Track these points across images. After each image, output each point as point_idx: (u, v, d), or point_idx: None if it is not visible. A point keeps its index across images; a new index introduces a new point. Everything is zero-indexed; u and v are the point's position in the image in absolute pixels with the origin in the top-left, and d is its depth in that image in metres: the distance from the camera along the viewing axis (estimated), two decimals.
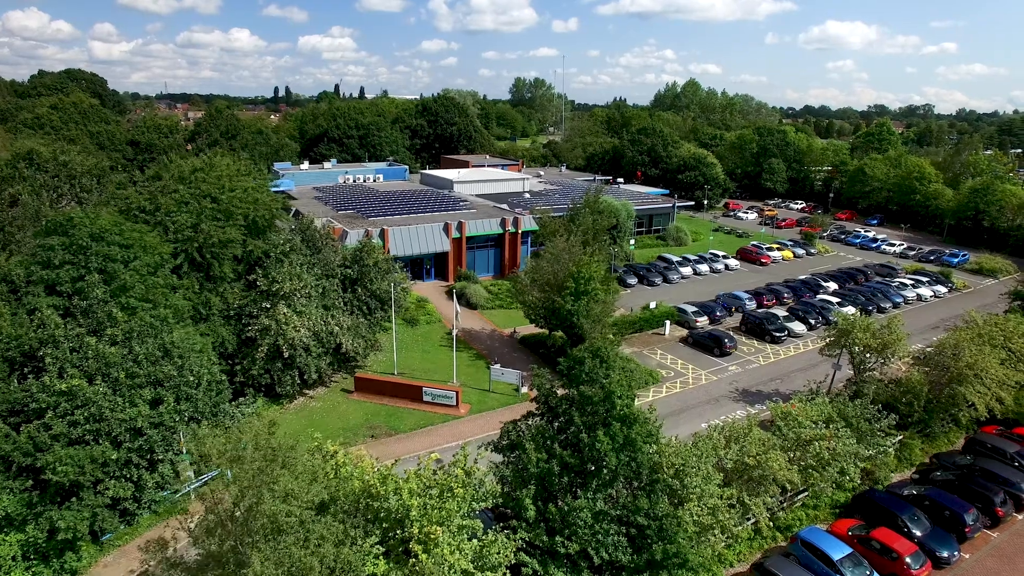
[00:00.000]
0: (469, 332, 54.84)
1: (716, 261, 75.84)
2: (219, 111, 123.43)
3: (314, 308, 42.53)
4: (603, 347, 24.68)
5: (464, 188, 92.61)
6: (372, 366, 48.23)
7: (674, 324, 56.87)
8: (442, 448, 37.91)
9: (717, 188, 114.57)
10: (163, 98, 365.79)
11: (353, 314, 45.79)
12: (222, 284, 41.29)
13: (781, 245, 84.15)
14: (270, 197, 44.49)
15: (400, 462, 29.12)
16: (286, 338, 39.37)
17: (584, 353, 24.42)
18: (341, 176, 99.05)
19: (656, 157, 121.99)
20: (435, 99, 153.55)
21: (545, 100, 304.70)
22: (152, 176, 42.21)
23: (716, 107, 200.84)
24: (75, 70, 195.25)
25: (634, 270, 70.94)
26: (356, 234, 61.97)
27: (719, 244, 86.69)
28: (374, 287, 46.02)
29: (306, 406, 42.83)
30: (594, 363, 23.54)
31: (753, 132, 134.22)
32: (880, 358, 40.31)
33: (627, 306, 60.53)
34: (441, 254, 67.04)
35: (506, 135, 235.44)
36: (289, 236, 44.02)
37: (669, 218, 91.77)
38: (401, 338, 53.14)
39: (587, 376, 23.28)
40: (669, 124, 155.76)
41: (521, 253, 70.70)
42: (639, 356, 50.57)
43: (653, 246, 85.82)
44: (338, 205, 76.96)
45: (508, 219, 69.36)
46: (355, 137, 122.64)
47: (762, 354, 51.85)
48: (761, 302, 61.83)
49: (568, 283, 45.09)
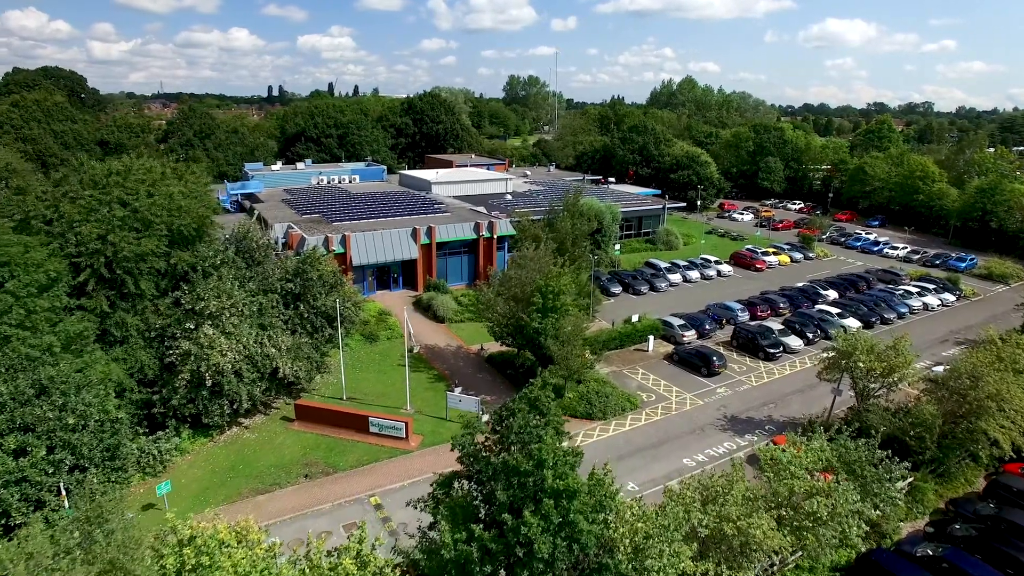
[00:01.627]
0: (432, 349, 49.96)
1: (708, 267, 70.96)
2: (193, 110, 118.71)
3: (248, 328, 37.66)
4: (541, 396, 19.85)
5: (442, 189, 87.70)
6: (320, 390, 43.38)
7: (659, 339, 52.03)
8: (384, 490, 33.16)
9: (711, 188, 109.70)
10: (158, 97, 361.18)
11: (295, 333, 40.91)
12: (141, 302, 36.41)
13: (777, 249, 79.27)
14: (201, 204, 39.54)
15: (310, 516, 24.23)
16: (209, 364, 34.50)
17: (518, 404, 19.60)
18: (314, 177, 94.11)
19: (648, 156, 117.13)
20: (420, 97, 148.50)
21: (539, 98, 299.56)
22: (59, 180, 37.37)
23: (712, 104, 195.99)
24: (52, 67, 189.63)
25: (619, 277, 66.06)
26: (315, 241, 57.12)
27: (712, 248, 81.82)
28: (318, 303, 41.11)
29: (239, 438, 37.93)
30: (526, 419, 18.72)
31: (749, 130, 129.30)
32: (885, 383, 35.49)
33: (609, 318, 55.66)
34: (409, 261, 62.14)
35: (499, 134, 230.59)
36: (220, 247, 39.11)
37: (659, 220, 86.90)
38: (357, 356, 48.34)
39: (517, 435, 18.45)
40: (663, 122, 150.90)
41: (497, 260, 65.77)
42: (618, 376, 45.70)
43: (642, 250, 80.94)
44: (304, 208, 72.05)
45: (483, 223, 64.47)
46: (333, 136, 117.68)
47: (754, 373, 46.97)
48: (755, 313, 56.94)
49: (535, 298, 40.22)
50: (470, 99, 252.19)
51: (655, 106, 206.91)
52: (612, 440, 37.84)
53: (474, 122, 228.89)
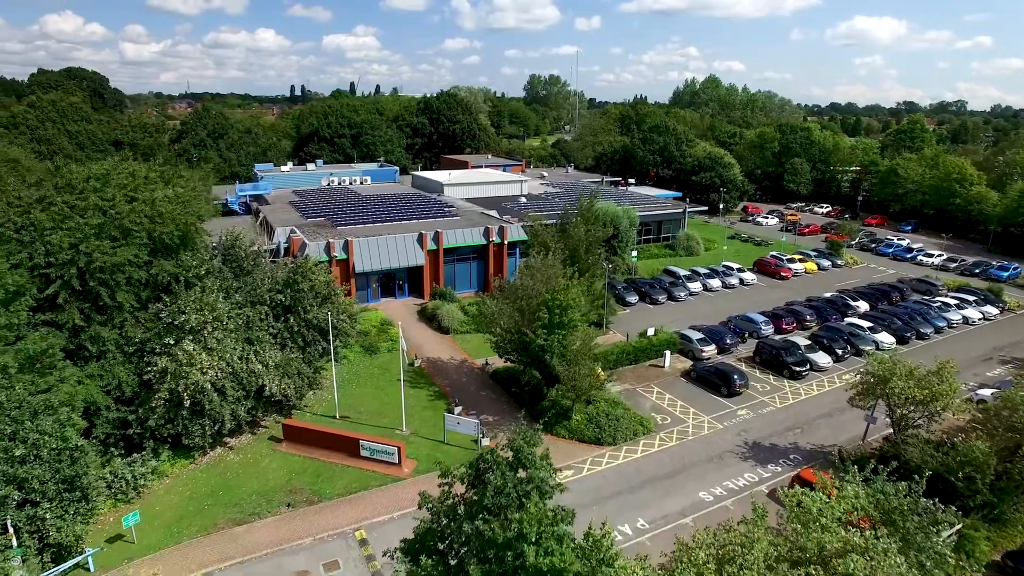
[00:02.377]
0: (435, 363, 47.25)
1: (730, 275, 67.35)
2: (207, 110, 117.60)
3: (233, 343, 35.26)
4: (523, 448, 16.84)
5: (454, 191, 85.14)
6: (313, 407, 40.88)
7: (676, 354, 48.80)
8: (371, 523, 30.50)
9: (735, 191, 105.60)
10: (185, 97, 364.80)
11: (286, 348, 38.47)
12: (120, 314, 34.17)
13: (804, 256, 75.29)
14: (188, 210, 37.21)
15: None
16: (188, 383, 32.13)
17: (496, 457, 16.67)
18: (325, 178, 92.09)
19: (669, 157, 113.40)
20: (437, 97, 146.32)
21: (560, 98, 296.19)
22: (32, 184, 35.28)
23: (737, 104, 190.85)
24: (75, 68, 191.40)
25: (635, 286, 62.77)
26: (317, 247, 54.82)
27: (734, 254, 78.08)
28: (309, 315, 38.60)
29: (222, 460, 35.56)
30: (505, 478, 15.81)
31: (775, 130, 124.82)
32: (927, 412, 31.99)
33: (624, 330, 52.52)
34: (415, 268, 59.54)
35: (518, 134, 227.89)
36: (206, 256, 36.76)
37: (680, 224, 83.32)
38: (355, 370, 45.83)
39: (493, 499, 15.57)
40: (686, 122, 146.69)
41: (508, 266, 62.92)
42: (631, 395, 42.58)
43: (661, 256, 77.48)
44: (311, 211, 69.88)
45: (493, 228, 61.64)
46: (347, 136, 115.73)
47: (779, 394, 43.51)
48: (779, 326, 53.36)
49: (541, 312, 37.27)
50: (490, 98, 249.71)
51: (678, 106, 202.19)
52: (622, 469, 34.79)
53: (494, 122, 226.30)
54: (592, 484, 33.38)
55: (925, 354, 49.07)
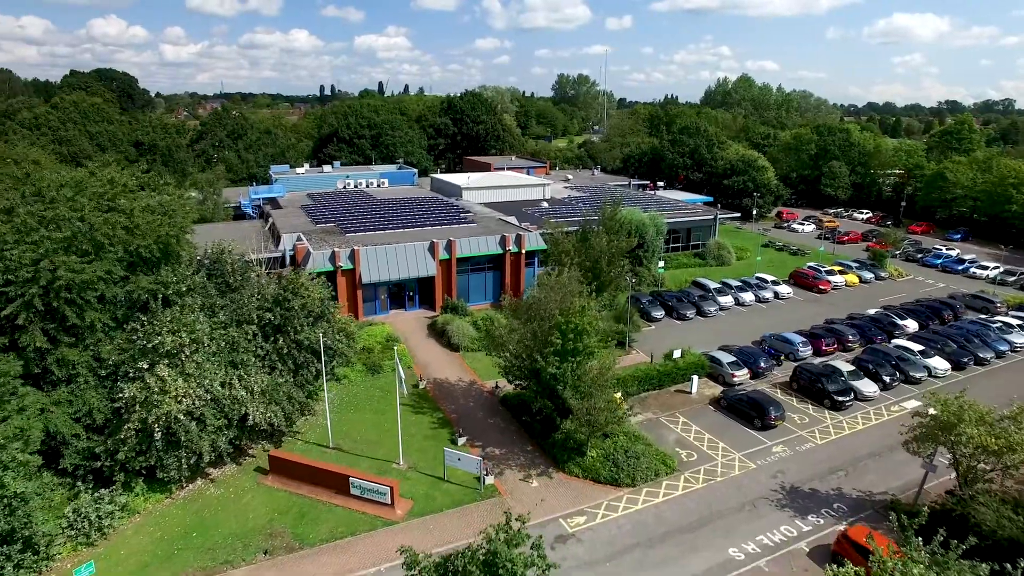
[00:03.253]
0: (441, 385, 43.79)
1: (764, 288, 62.68)
2: (226, 110, 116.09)
3: (214, 367, 32.25)
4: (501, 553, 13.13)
5: (473, 196, 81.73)
6: (305, 433, 37.72)
7: (705, 378, 44.65)
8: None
9: (769, 195, 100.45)
10: (218, 97, 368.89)
11: (275, 371, 35.36)
12: (92, 335, 31.35)
13: (844, 267, 70.16)
14: (170, 220, 34.27)
15: None
16: (160, 413, 29.15)
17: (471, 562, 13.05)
18: (340, 181, 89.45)
19: (700, 159, 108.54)
20: (461, 96, 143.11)
21: (589, 98, 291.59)
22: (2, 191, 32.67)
23: (771, 104, 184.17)
24: (105, 69, 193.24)
25: (662, 299, 58.54)
26: (321, 256, 51.81)
27: (768, 264, 73.26)
28: (301, 336, 35.40)
29: (201, 494, 32.53)
30: None
31: (811, 131, 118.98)
32: (1001, 464, 27.52)
33: (648, 349, 48.51)
34: (427, 279, 56.19)
35: (545, 134, 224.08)
36: (188, 271, 33.75)
37: (710, 231, 78.72)
38: (354, 392, 42.57)
39: None
40: (717, 123, 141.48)
41: (525, 277, 59.24)
42: (653, 426, 38.59)
43: (690, 266, 73.04)
44: (321, 216, 67.06)
45: (509, 237, 57.99)
46: (367, 137, 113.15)
47: (819, 427, 39.08)
48: (819, 347, 48.79)
49: (553, 337, 33.52)
50: (517, 98, 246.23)
51: (709, 106, 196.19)
52: (641, 516, 30.87)
53: (520, 122, 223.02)
54: (606, 534, 29.54)
55: (986, 383, 44.32)
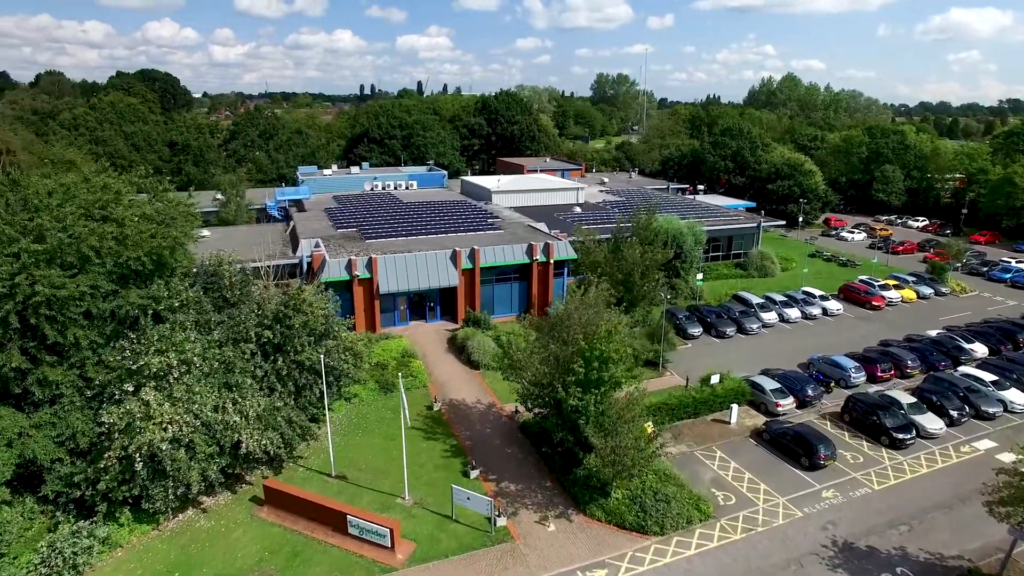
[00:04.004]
0: (457, 407, 40.78)
1: (811, 303, 58.00)
2: (258, 110, 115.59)
3: (207, 389, 29.86)
4: None
5: (503, 199, 78.67)
6: (308, 458, 35.12)
7: (746, 405, 40.71)
8: None
9: (816, 201, 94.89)
10: (262, 96, 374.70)
11: (274, 393, 32.84)
12: (77, 353, 29.22)
13: (899, 281, 64.88)
14: (164, 230, 31.97)
15: None
16: (141, 442, 26.81)
17: None
18: (368, 182, 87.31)
19: (743, 162, 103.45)
20: (496, 96, 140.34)
21: (629, 97, 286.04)
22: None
23: (818, 104, 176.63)
24: (149, 70, 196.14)
25: (699, 314, 54.48)
26: (337, 264, 49.38)
27: (816, 276, 68.34)
28: (302, 356, 32.80)
29: (191, 525, 30.15)
30: None
31: (863, 132, 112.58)
32: None
33: (683, 371, 44.76)
34: (449, 289, 53.30)
35: (582, 135, 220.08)
36: (181, 285, 31.39)
37: (753, 240, 74.09)
38: (364, 412, 39.87)
39: None
40: (761, 124, 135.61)
41: (553, 288, 55.91)
42: (687, 462, 34.89)
43: (730, 277, 68.67)
44: (343, 220, 64.82)
45: (537, 245, 54.70)
46: (398, 138, 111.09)
47: (876, 469, 34.80)
48: (873, 374, 44.26)
49: (575, 364, 30.16)
50: (555, 98, 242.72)
51: (753, 106, 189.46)
52: (670, 572, 27.29)
53: (558, 122, 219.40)
54: None
55: None
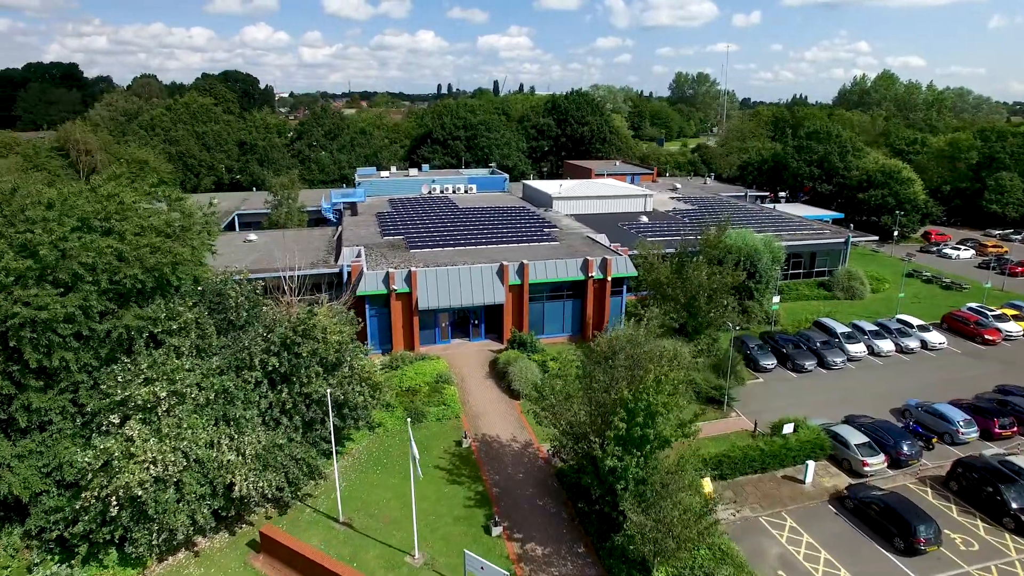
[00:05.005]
0: (490, 444, 36.59)
1: (907, 334, 50.46)
2: (324, 110, 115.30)
3: (203, 422, 26.95)
4: None
5: (564, 206, 74.05)
6: (317, 498, 31.74)
7: (825, 460, 34.64)
8: None
9: (914, 213, 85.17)
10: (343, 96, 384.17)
11: (279, 427, 29.62)
12: (67, 377, 26.85)
13: (1019, 310, 56.00)
14: (165, 243, 29.27)
15: None
16: (118, 485, 24.03)
17: None
18: (425, 185, 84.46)
19: (831, 169, 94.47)
20: (566, 96, 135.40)
21: (708, 97, 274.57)
22: None
23: (918, 104, 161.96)
24: (232, 71, 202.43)
25: (774, 343, 48.19)
26: (375, 276, 46.21)
27: (913, 301, 60.20)
28: (310, 388, 29.44)
29: (180, 571, 27.17)
30: None
31: (973, 136, 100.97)
32: None
33: (752, 412, 39.01)
34: (495, 305, 49.19)
35: (658, 136, 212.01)
36: (181, 306, 28.57)
37: (840, 257, 66.37)
38: (385, 446, 36.25)
39: None
40: (852, 126, 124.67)
41: (610, 308, 50.87)
42: (749, 531, 29.39)
43: (812, 298, 61.44)
44: (392, 227, 61.92)
45: (593, 260, 49.79)
46: (461, 139, 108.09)
47: (998, 562, 28.14)
48: (989, 429, 37.05)
49: (615, 417, 25.34)
50: (631, 98, 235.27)
51: (843, 106, 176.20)
52: None
53: (633, 123, 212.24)
54: None
55: None
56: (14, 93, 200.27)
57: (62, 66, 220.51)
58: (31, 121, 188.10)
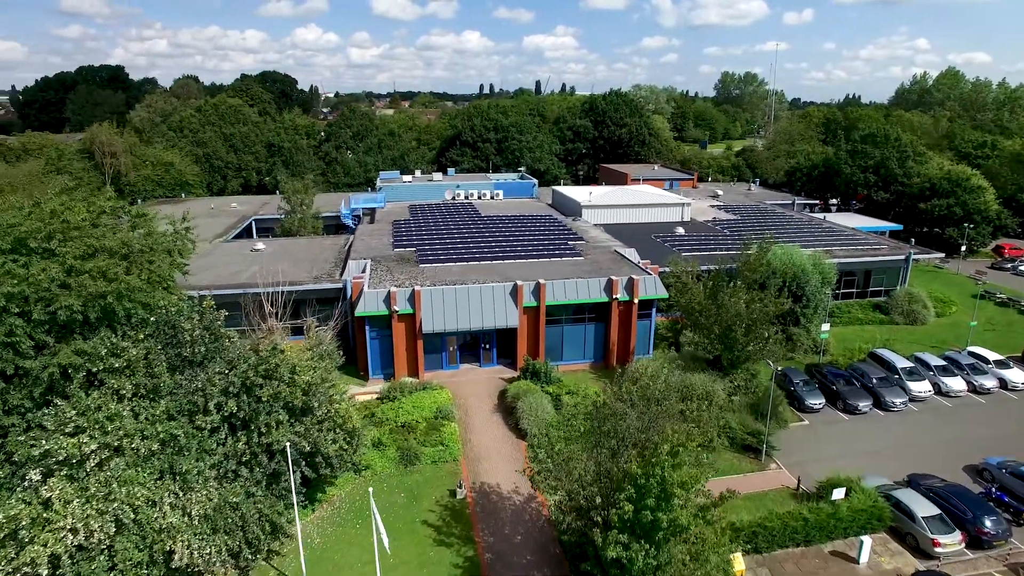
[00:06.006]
0: (488, 495, 32.10)
1: (983, 371, 43.98)
2: (352, 111, 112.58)
3: (144, 476, 23.23)
4: None
5: (594, 215, 69.23)
6: (286, 556, 27.80)
7: (884, 533, 29.10)
8: None
9: (984, 225, 77.28)
10: (387, 96, 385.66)
11: (239, 480, 25.73)
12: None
13: None
14: (115, 265, 25.70)
15: None
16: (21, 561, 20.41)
17: None
18: (449, 191, 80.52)
19: (888, 175, 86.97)
20: (604, 96, 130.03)
21: (756, 98, 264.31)
22: None
23: (987, 103, 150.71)
24: (269, 71, 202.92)
25: (822, 377, 42.42)
26: (376, 295, 42.24)
27: (986, 328, 53.27)
28: (271, 438, 25.45)
29: None
30: None
31: None
32: None
33: (795, 464, 33.65)
34: (507, 329, 44.68)
35: (702, 138, 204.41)
36: (127, 341, 24.88)
37: (899, 275, 59.67)
38: (375, 492, 31.98)
39: None
40: (912, 128, 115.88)
41: (636, 332, 45.84)
42: None
43: (865, 322, 55.04)
44: (405, 237, 58.07)
45: (618, 281, 44.82)
46: (491, 141, 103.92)
47: None
48: None
49: (622, 495, 20.59)
50: (673, 98, 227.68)
51: (901, 106, 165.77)
52: None
53: (676, 124, 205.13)
54: None
55: None
56: (65, 96, 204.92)
57: (109, 68, 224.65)
58: (79, 123, 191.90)
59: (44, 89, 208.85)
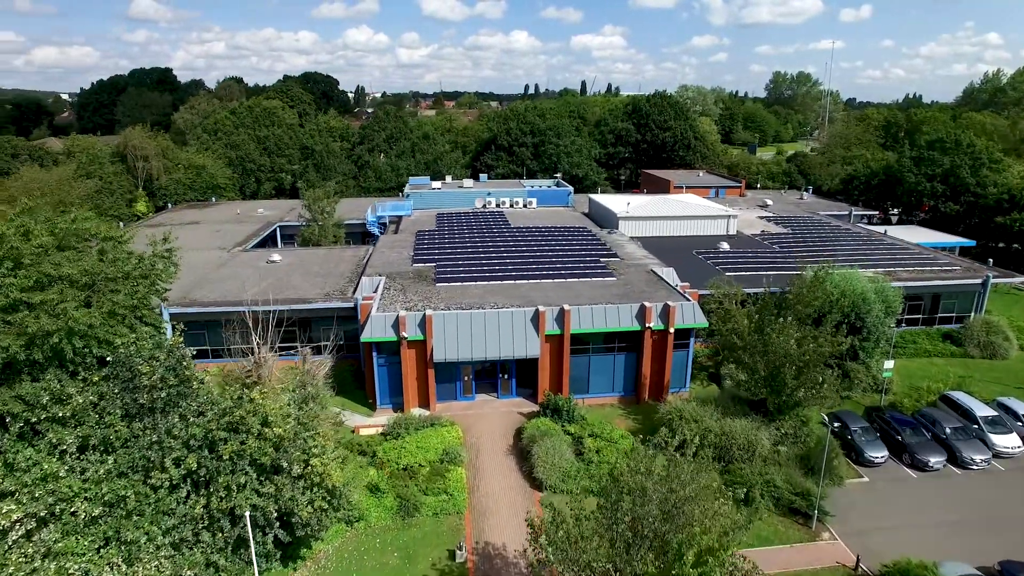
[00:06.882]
0: (491, 561, 28.14)
1: None
2: (387, 114, 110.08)
3: (84, 546, 20.10)
4: None
5: (631, 227, 64.62)
6: None
7: None
8: None
9: None
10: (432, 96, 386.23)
11: (199, 546, 22.42)
12: None
13: None
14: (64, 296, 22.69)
15: None
16: None
17: None
18: (480, 198, 76.86)
19: (958, 185, 79.49)
20: (647, 98, 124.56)
21: (809, 99, 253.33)
22: None
23: None
24: (311, 72, 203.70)
25: (884, 425, 37.07)
26: (383, 320, 38.75)
27: None
28: (233, 502, 22.04)
29: None
30: None
31: None
32: None
33: (853, 532, 28.73)
34: (528, 359, 40.60)
35: (751, 141, 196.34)
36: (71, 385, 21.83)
37: (974, 301, 53.28)
38: (364, 547, 28.52)
39: None
40: (985, 131, 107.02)
41: (671, 364, 41.22)
42: None
43: (934, 354, 49.00)
44: (426, 251, 54.61)
45: (651, 308, 40.25)
46: (528, 145, 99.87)
47: None
48: None
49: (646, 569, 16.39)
50: (722, 99, 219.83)
51: (969, 107, 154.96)
52: None
53: (724, 127, 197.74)
54: None
55: None
56: (117, 98, 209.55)
57: (159, 71, 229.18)
58: (127, 125, 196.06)
59: (98, 92, 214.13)
